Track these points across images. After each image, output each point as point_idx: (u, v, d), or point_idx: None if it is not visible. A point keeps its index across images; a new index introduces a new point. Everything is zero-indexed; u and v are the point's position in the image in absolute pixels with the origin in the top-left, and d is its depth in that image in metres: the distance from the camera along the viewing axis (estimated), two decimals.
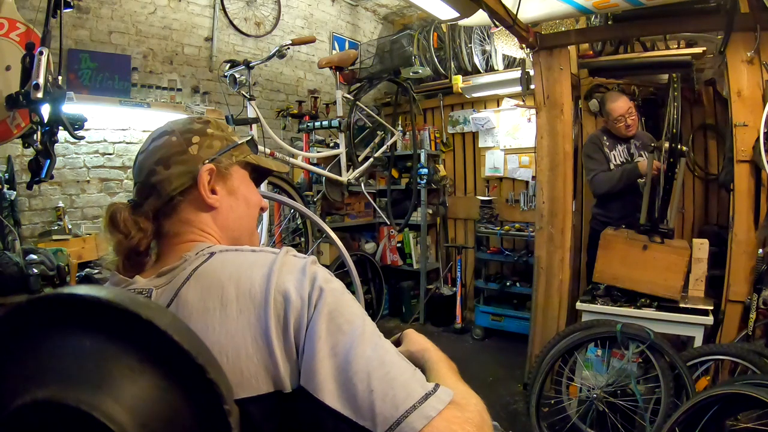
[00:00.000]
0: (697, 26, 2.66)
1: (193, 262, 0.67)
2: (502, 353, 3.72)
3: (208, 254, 0.68)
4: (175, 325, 0.39)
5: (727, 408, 1.89)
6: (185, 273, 0.65)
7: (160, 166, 0.74)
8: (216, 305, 0.60)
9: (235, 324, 0.59)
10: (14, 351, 0.39)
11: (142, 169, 0.76)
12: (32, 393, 0.36)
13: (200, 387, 0.38)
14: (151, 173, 0.74)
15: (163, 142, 0.76)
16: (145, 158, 0.76)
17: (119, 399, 0.36)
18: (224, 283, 0.62)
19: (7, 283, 1.93)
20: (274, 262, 0.64)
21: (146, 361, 0.38)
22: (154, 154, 0.76)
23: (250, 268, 0.63)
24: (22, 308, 0.39)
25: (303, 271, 0.63)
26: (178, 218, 0.74)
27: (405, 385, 0.54)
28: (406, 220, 3.54)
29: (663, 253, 2.46)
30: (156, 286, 0.66)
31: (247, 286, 0.61)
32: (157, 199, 0.74)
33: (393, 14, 5.18)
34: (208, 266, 0.65)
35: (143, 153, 0.77)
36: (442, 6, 2.44)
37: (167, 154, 0.75)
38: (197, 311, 0.60)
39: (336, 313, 0.59)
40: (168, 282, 0.66)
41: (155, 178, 0.74)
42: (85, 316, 0.39)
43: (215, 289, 0.61)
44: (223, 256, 0.68)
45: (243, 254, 0.68)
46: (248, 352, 0.57)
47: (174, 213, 0.74)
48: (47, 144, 1.79)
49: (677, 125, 2.43)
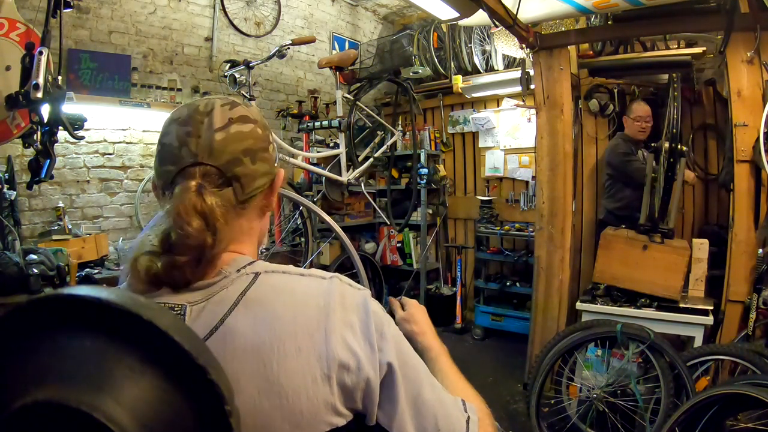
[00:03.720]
0: (697, 26, 2.66)
1: (236, 282, 0.60)
2: (502, 353, 3.72)
3: (252, 275, 0.61)
4: (176, 325, 0.39)
5: (727, 408, 1.89)
6: (228, 295, 0.59)
7: (247, 158, 0.64)
8: (272, 340, 0.56)
9: (295, 362, 0.56)
10: (14, 351, 0.39)
11: (223, 153, 0.62)
12: (32, 394, 0.36)
13: (201, 388, 0.38)
14: (236, 162, 0.63)
15: (250, 130, 0.66)
16: (227, 140, 0.63)
17: (120, 400, 0.36)
18: (280, 316, 0.58)
19: (7, 283, 1.93)
20: (331, 294, 0.61)
21: (147, 361, 0.38)
22: (239, 140, 0.64)
23: (306, 300, 0.60)
24: (22, 308, 0.39)
25: (365, 310, 0.61)
26: (239, 222, 0.65)
27: (458, 419, 0.64)
28: (406, 220, 3.54)
29: (663, 253, 2.46)
30: (190, 302, 0.59)
31: (305, 320, 0.58)
32: (234, 194, 0.63)
33: (393, 14, 5.18)
34: (258, 292, 0.60)
35: (220, 132, 0.63)
36: (442, 6, 2.44)
37: (255, 147, 0.65)
38: (252, 346, 0.56)
39: (403, 362, 0.61)
40: (204, 299, 0.59)
41: (240, 169, 0.63)
42: (85, 316, 0.39)
43: (270, 322, 0.57)
44: (271, 279, 0.62)
45: (292, 279, 0.63)
46: (308, 394, 0.55)
47: (237, 215, 0.64)
48: (47, 144, 1.79)
49: (677, 125, 2.43)
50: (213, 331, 0.57)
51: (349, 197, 3.74)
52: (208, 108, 0.65)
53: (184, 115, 0.65)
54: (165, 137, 0.64)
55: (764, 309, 2.29)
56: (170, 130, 0.64)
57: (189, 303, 0.58)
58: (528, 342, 3.02)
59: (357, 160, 2.93)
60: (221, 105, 0.65)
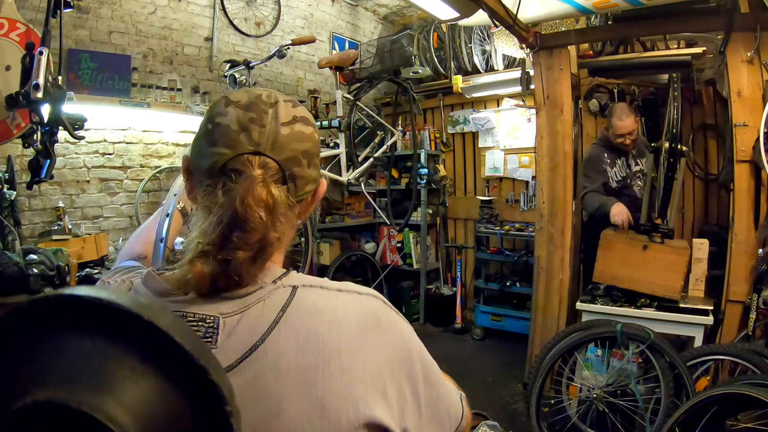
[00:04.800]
0: (697, 26, 2.66)
1: (272, 295, 0.57)
2: (502, 353, 3.71)
3: (290, 288, 0.58)
4: (177, 326, 0.39)
5: (727, 408, 1.89)
6: (267, 310, 0.56)
7: (305, 160, 0.61)
8: (318, 361, 0.54)
9: (339, 383, 0.54)
10: (15, 352, 0.39)
11: (285, 149, 0.59)
12: (33, 394, 0.36)
13: (202, 388, 0.38)
14: (295, 161, 0.60)
15: (311, 133, 0.63)
16: (291, 137, 0.59)
17: (121, 400, 0.36)
18: (324, 336, 0.55)
19: (7, 283, 1.93)
20: (369, 314, 0.60)
21: (148, 362, 0.38)
22: (302, 140, 0.61)
23: (347, 319, 0.58)
24: (22, 309, 0.39)
25: (402, 333, 0.62)
26: (281, 228, 0.60)
27: (456, 401, 0.70)
28: (406, 220, 3.54)
29: (663, 253, 2.46)
30: (223, 313, 0.55)
31: (347, 341, 0.56)
32: (287, 193, 0.59)
33: (393, 14, 5.18)
34: (299, 310, 0.57)
35: (286, 127, 0.59)
36: (442, 6, 2.44)
37: (313, 151, 0.63)
38: (296, 366, 0.53)
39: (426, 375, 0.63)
40: (238, 312, 0.55)
41: (298, 169, 0.60)
42: (86, 316, 0.39)
43: (315, 342, 0.55)
44: (311, 295, 0.59)
45: (331, 295, 0.60)
46: (349, 417, 0.54)
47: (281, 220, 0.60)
48: (47, 144, 1.79)
49: (677, 125, 2.43)
50: (254, 348, 0.54)
51: (349, 197, 3.74)
52: (271, 99, 0.61)
53: (245, 99, 0.60)
54: (219, 117, 0.59)
55: (764, 309, 2.29)
56: (228, 111, 0.59)
57: (222, 314, 0.55)
58: (528, 342, 3.02)
59: (357, 160, 2.93)
60: (284, 100, 0.62)
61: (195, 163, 0.61)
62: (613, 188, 2.84)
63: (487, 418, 1.36)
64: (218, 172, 0.57)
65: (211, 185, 0.57)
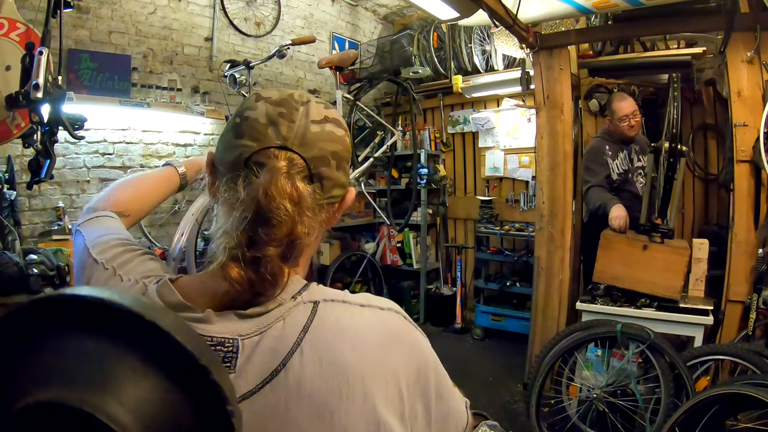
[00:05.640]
0: (697, 26, 2.67)
1: (293, 312, 0.55)
2: (502, 353, 3.72)
3: (311, 304, 0.56)
4: (179, 326, 0.39)
5: (727, 408, 1.89)
6: (287, 331, 0.53)
7: (334, 161, 0.58)
8: (342, 386, 0.52)
9: (362, 408, 0.52)
10: (16, 352, 0.39)
11: (314, 146, 0.56)
12: (34, 394, 0.36)
13: (203, 388, 0.38)
14: (324, 161, 0.57)
15: (342, 135, 0.60)
16: (321, 136, 0.57)
17: (122, 400, 0.36)
18: (348, 360, 0.53)
19: (7, 283, 1.93)
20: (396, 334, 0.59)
21: (149, 362, 0.38)
22: (332, 140, 0.58)
23: (371, 339, 0.56)
24: (24, 309, 0.39)
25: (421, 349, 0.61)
26: (309, 223, 0.56)
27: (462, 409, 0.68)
28: (406, 220, 3.54)
29: (663, 253, 2.46)
30: (242, 335, 0.52)
31: (371, 363, 0.54)
32: (314, 193, 0.56)
33: (393, 14, 5.18)
34: (322, 329, 0.54)
35: (316, 125, 0.57)
36: (442, 6, 2.44)
37: (343, 155, 0.60)
38: (319, 392, 0.51)
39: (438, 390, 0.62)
40: (258, 332, 0.53)
41: (326, 170, 0.57)
42: (87, 316, 0.39)
43: (339, 367, 0.53)
44: (333, 312, 0.56)
45: (354, 312, 0.58)
46: None
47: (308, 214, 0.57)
48: (47, 144, 1.79)
49: (677, 125, 2.43)
50: (275, 373, 0.51)
51: None
52: (303, 98, 0.59)
53: (276, 96, 0.58)
54: (248, 111, 0.57)
55: (764, 309, 2.29)
56: (257, 106, 0.57)
57: (240, 336, 0.52)
58: (528, 342, 3.02)
59: (357, 160, 2.93)
60: (316, 101, 0.61)
61: (219, 157, 0.59)
62: (614, 180, 2.81)
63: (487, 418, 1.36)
64: (242, 165, 0.55)
65: (233, 178, 0.55)
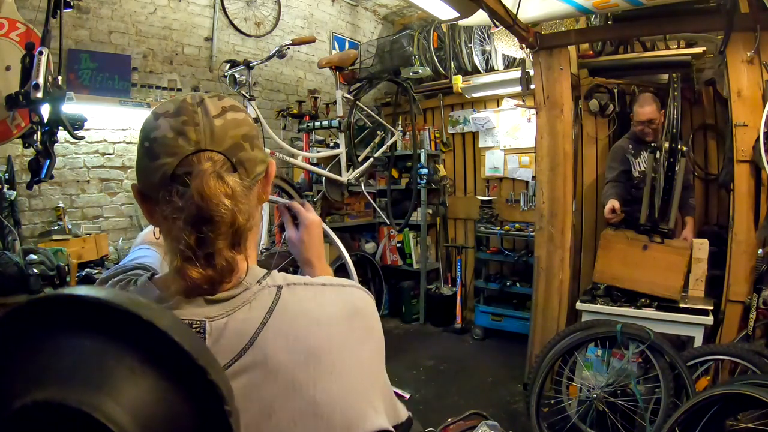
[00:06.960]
0: (697, 26, 2.66)
1: (258, 296, 0.58)
2: (502, 353, 3.71)
3: (275, 288, 0.60)
4: (176, 326, 0.39)
5: (727, 408, 1.89)
6: (253, 312, 0.57)
7: (247, 143, 0.61)
8: (308, 360, 0.55)
9: (329, 380, 0.55)
10: (14, 352, 0.39)
11: (225, 138, 0.59)
12: (32, 394, 0.36)
13: (201, 388, 0.38)
14: (239, 147, 0.60)
15: (243, 117, 0.63)
16: (226, 126, 0.60)
17: (120, 400, 0.36)
18: (313, 334, 0.57)
19: (7, 283, 1.93)
20: (357, 306, 0.64)
21: (147, 362, 0.38)
22: (237, 126, 0.61)
23: (335, 314, 0.60)
24: (22, 309, 0.39)
25: (379, 323, 0.66)
26: (245, 209, 0.60)
27: None
28: (406, 220, 3.54)
29: (663, 253, 2.46)
30: (209, 317, 0.55)
31: (337, 336, 0.58)
32: (240, 179, 0.60)
33: (393, 14, 5.18)
34: (286, 309, 0.58)
35: (218, 118, 0.60)
36: (442, 6, 2.44)
37: (252, 134, 0.63)
38: (286, 367, 0.54)
39: None
40: (224, 315, 0.56)
41: (243, 154, 0.61)
42: (85, 316, 0.39)
43: (305, 342, 0.56)
44: (296, 293, 0.60)
45: (316, 291, 0.62)
46: (343, 411, 0.55)
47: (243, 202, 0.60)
48: (47, 144, 1.79)
49: (677, 125, 2.43)
50: (243, 351, 0.54)
51: (349, 197, 3.74)
52: (196, 99, 0.61)
53: (172, 108, 0.60)
54: (154, 132, 0.58)
55: (764, 309, 2.29)
56: (159, 124, 0.58)
57: (208, 318, 0.55)
58: (528, 342, 3.01)
59: (357, 160, 2.93)
60: (209, 97, 0.63)
61: (144, 184, 0.61)
62: (635, 177, 2.80)
63: (487, 418, 1.35)
64: (169, 182, 0.57)
65: (167, 194, 0.56)
